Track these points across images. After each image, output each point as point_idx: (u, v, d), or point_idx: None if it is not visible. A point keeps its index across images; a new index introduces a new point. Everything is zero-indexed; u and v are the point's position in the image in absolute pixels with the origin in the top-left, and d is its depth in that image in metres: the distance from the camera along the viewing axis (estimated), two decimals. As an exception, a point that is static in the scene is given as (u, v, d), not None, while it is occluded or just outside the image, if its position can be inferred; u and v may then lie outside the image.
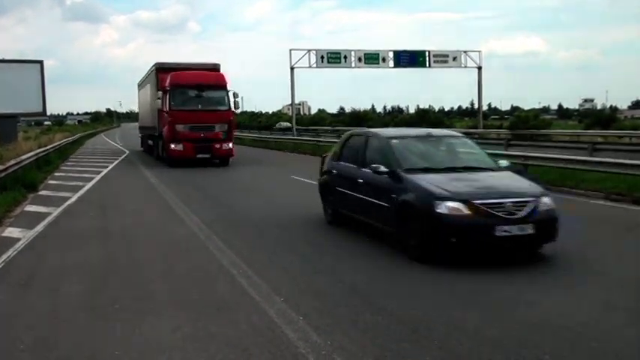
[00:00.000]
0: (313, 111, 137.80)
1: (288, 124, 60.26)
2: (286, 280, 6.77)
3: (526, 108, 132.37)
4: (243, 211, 11.96)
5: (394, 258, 7.65)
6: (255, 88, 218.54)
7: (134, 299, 6.11)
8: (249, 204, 13.09)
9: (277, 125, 71.58)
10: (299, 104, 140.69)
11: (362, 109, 75.83)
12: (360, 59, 45.55)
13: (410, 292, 6.27)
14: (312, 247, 8.54)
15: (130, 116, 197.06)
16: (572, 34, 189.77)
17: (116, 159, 28.14)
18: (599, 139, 32.02)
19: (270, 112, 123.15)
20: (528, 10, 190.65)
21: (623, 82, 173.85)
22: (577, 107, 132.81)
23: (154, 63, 26.89)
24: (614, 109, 74.98)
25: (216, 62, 27.16)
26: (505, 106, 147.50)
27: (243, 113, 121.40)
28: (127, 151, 34.64)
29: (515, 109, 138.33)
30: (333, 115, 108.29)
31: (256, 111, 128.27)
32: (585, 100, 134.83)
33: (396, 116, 76.47)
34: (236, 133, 31.03)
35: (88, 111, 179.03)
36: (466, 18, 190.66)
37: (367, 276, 6.88)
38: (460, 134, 10.33)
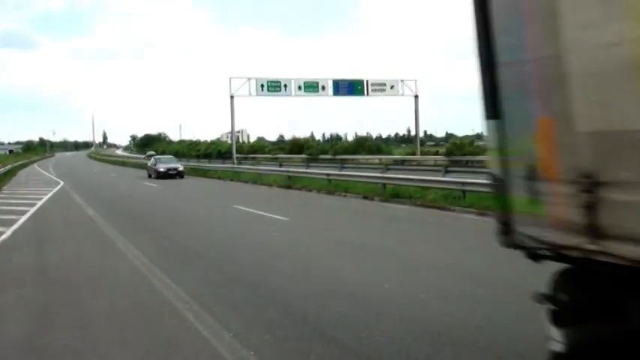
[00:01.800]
0: (253, 139, 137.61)
1: (152, 152, 60.47)
2: (234, 313, 6.65)
3: (460, 134, 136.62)
4: (186, 243, 11.75)
5: (346, 285, 7.66)
6: (194, 116, 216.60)
7: (77, 340, 5.87)
8: (192, 235, 12.88)
9: (146, 154, 71.92)
10: (238, 132, 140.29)
11: (302, 137, 76.24)
12: (299, 87, 45.94)
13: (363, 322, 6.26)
14: (258, 276, 8.45)
15: (65, 145, 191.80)
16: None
17: (51, 190, 27.27)
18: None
19: (209, 140, 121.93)
20: (459, 40, 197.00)
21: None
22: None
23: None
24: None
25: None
26: (440, 133, 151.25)
27: (182, 142, 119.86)
28: (62, 182, 33.64)
29: (449, 135, 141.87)
30: (273, 142, 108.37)
31: (195, 139, 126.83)
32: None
33: (335, 143, 77.00)
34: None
35: (20, 140, 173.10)
36: (402, 48, 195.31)
37: (317, 305, 6.84)
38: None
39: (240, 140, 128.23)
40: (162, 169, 36.25)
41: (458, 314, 6.39)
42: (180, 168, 37.35)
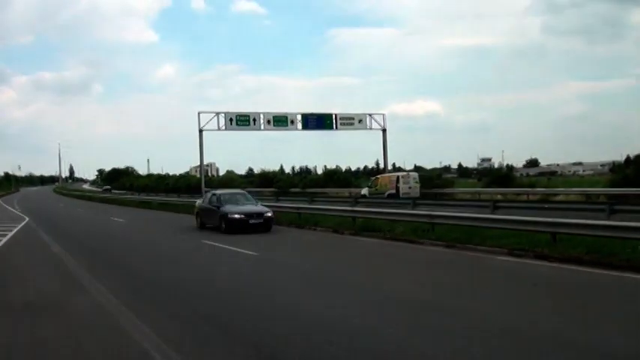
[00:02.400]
0: (222, 172, 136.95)
1: (108, 187, 60.54)
2: (207, 355, 6.53)
3: (428, 167, 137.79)
4: (155, 281, 11.56)
5: (316, 321, 7.60)
6: (163, 149, 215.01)
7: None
8: (161, 272, 12.68)
9: (103, 188, 71.85)
10: (207, 166, 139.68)
11: (271, 170, 76.24)
12: (269, 122, 46.04)
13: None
14: (229, 315, 8.33)
15: (31, 180, 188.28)
16: (468, 99, 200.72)
17: (15, 226, 26.67)
18: (499, 197, 33.62)
19: (178, 173, 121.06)
20: (426, 76, 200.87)
21: (517, 143, 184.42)
22: (476, 166, 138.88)
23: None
24: (510, 168, 79.00)
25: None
26: (408, 166, 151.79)
27: (150, 176, 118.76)
28: (27, 218, 32.95)
29: (418, 168, 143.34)
30: (242, 176, 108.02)
31: (163, 173, 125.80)
32: (483, 160, 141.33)
33: (304, 177, 77.17)
34: (143, 197, 30.24)
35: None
36: (368, 83, 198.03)
37: (286, 344, 6.75)
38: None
39: (210, 174, 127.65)
40: (235, 216, 21.10)
41: (425, 349, 6.37)
42: (269, 214, 21.78)
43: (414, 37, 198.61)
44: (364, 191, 40.85)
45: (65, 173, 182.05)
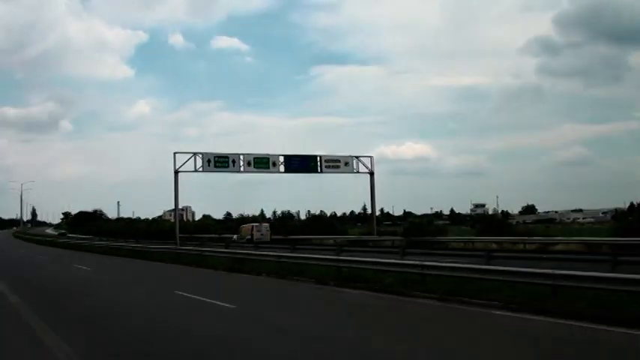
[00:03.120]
0: (198, 217, 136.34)
1: (63, 231, 60.59)
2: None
3: (418, 213, 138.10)
4: (123, 338, 11.26)
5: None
6: (135, 192, 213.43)
7: None
8: (131, 328, 12.36)
9: (58, 232, 72.15)
10: (182, 210, 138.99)
11: (250, 215, 76.03)
12: (249, 163, 46.16)
13: None
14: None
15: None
16: (460, 141, 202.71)
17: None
18: (494, 246, 33.58)
19: (151, 218, 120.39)
20: (416, 117, 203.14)
21: (512, 188, 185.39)
22: (469, 212, 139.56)
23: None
24: (505, 215, 79.44)
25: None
26: (397, 211, 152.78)
27: (120, 220, 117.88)
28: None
29: (407, 214, 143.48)
30: (219, 221, 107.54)
31: (134, 217, 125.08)
32: (476, 206, 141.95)
33: (286, 222, 76.95)
34: (112, 243, 29.92)
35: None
36: (355, 123, 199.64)
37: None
38: None
39: (185, 218, 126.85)
40: None
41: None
42: None
43: (403, 76, 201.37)
44: (235, 237, 52.74)
45: (27, 216, 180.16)
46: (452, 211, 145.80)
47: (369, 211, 56.76)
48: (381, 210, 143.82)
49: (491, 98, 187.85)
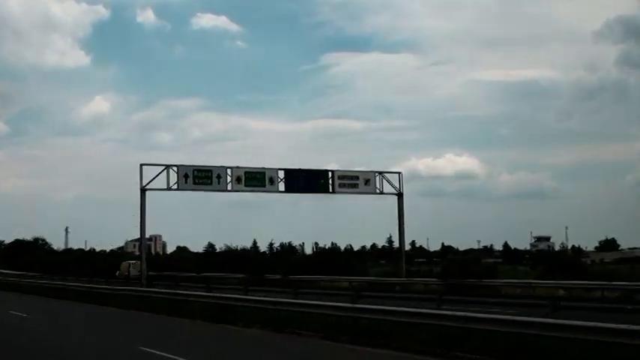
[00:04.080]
0: (171, 249, 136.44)
1: None
2: None
3: (461, 248, 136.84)
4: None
5: None
6: (88, 215, 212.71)
7: None
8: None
9: None
10: (150, 240, 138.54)
11: (239, 248, 75.85)
12: (239, 180, 46.20)
13: None
14: None
15: None
16: (517, 154, 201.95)
17: None
18: (562, 293, 33.28)
19: (109, 250, 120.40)
20: (458, 121, 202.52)
21: (586, 216, 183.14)
22: (528, 248, 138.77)
23: None
24: (577, 251, 78.72)
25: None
26: (434, 245, 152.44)
27: (69, 252, 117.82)
28: None
29: (446, 249, 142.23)
30: (198, 255, 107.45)
31: (87, 248, 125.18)
32: (538, 239, 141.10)
33: (287, 257, 76.76)
34: (57, 281, 29.93)
35: None
36: (379, 129, 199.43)
37: None
38: None
39: (153, 251, 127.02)
40: None
41: None
42: None
43: (442, 68, 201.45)
44: (118, 273, 63.77)
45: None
46: (505, 245, 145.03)
47: (396, 244, 56.67)
48: (412, 243, 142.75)
49: (557, 97, 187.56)
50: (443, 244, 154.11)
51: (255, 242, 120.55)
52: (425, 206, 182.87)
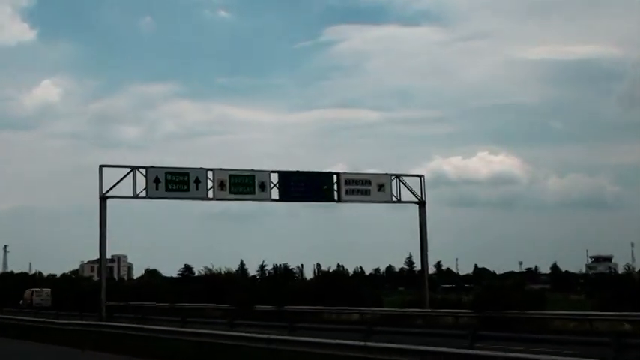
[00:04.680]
0: (138, 272, 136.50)
1: None
2: None
3: (499, 271, 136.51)
4: None
5: None
6: (34, 231, 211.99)
7: None
8: None
9: None
10: (112, 261, 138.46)
11: (224, 271, 75.61)
12: (222, 185, 46.09)
13: None
14: None
15: None
16: (568, 152, 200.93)
17: None
18: (628, 327, 33.05)
19: (59, 274, 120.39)
20: (494, 111, 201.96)
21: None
22: (583, 270, 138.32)
23: None
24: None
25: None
26: (465, 268, 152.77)
27: (7, 276, 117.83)
28: None
29: (481, 272, 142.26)
30: (172, 280, 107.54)
31: (32, 272, 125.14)
32: (597, 260, 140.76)
33: (283, 283, 76.56)
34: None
35: None
36: (395, 120, 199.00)
37: None
38: None
39: (116, 275, 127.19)
40: None
41: None
42: None
43: (473, 45, 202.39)
44: (21, 301, 73.01)
45: None
46: (555, 268, 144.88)
47: (418, 266, 56.66)
48: (438, 265, 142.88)
49: (622, 80, 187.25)
50: (476, 266, 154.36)
51: (242, 264, 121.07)
52: (453, 218, 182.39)
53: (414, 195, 49.99)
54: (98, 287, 50.91)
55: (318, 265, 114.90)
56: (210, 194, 46.15)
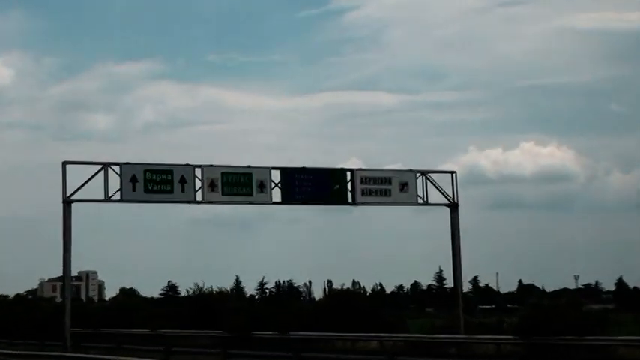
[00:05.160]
0: (111, 292, 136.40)
1: None
2: None
3: (550, 287, 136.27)
4: None
5: None
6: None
7: None
8: None
9: None
10: (79, 279, 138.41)
11: (216, 290, 75.63)
12: (213, 185, 46.08)
13: None
14: None
15: None
16: (636, 142, 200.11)
17: None
18: None
19: (13, 294, 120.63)
20: (542, 92, 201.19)
21: None
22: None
23: None
24: None
25: None
26: (507, 284, 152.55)
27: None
28: None
29: (527, 289, 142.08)
30: (153, 301, 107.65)
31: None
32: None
33: (287, 304, 76.67)
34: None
35: None
36: (419, 104, 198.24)
37: None
38: None
39: (84, 296, 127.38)
40: None
41: None
42: None
43: (515, 11, 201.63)
44: None
45: None
46: (620, 283, 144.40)
47: (450, 282, 56.45)
48: (474, 281, 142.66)
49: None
50: (521, 282, 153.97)
51: (238, 281, 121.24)
52: (492, 224, 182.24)
53: (445, 196, 49.88)
54: (62, 310, 50.91)
55: (329, 282, 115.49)
56: (199, 196, 46.08)
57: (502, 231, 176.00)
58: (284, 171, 47.72)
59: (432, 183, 49.83)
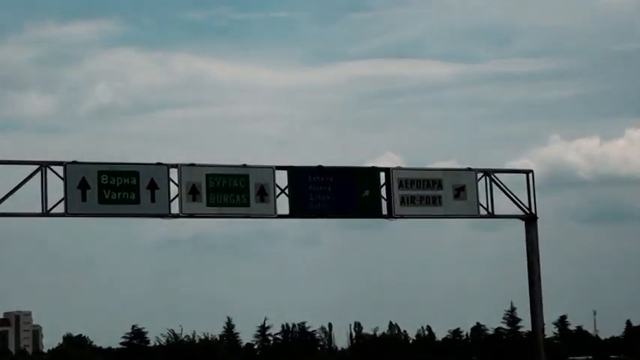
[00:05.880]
0: (52, 341, 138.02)
1: None
2: None
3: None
4: None
5: None
6: None
7: None
8: None
9: None
10: (6, 322, 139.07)
11: (197, 338, 76.84)
12: (194, 191, 46.83)
13: None
14: None
15: None
16: None
17: None
18: None
19: None
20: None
21: None
22: None
23: None
24: None
25: None
26: (609, 327, 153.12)
27: None
28: None
29: (637, 333, 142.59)
30: (111, 352, 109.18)
31: None
32: None
33: (299, 355, 78.00)
34: None
35: None
36: (479, 76, 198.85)
37: None
38: None
39: (12, 346, 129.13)
40: None
41: None
42: None
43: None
44: None
45: None
46: None
47: (527, 325, 57.38)
48: (562, 322, 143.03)
49: None
50: (629, 323, 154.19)
51: (229, 325, 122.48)
52: (586, 242, 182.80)
53: (517, 204, 50.55)
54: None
55: (358, 325, 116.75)
56: (176, 207, 46.53)
57: (600, 252, 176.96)
58: (293, 171, 48.20)
59: (498, 186, 50.43)
